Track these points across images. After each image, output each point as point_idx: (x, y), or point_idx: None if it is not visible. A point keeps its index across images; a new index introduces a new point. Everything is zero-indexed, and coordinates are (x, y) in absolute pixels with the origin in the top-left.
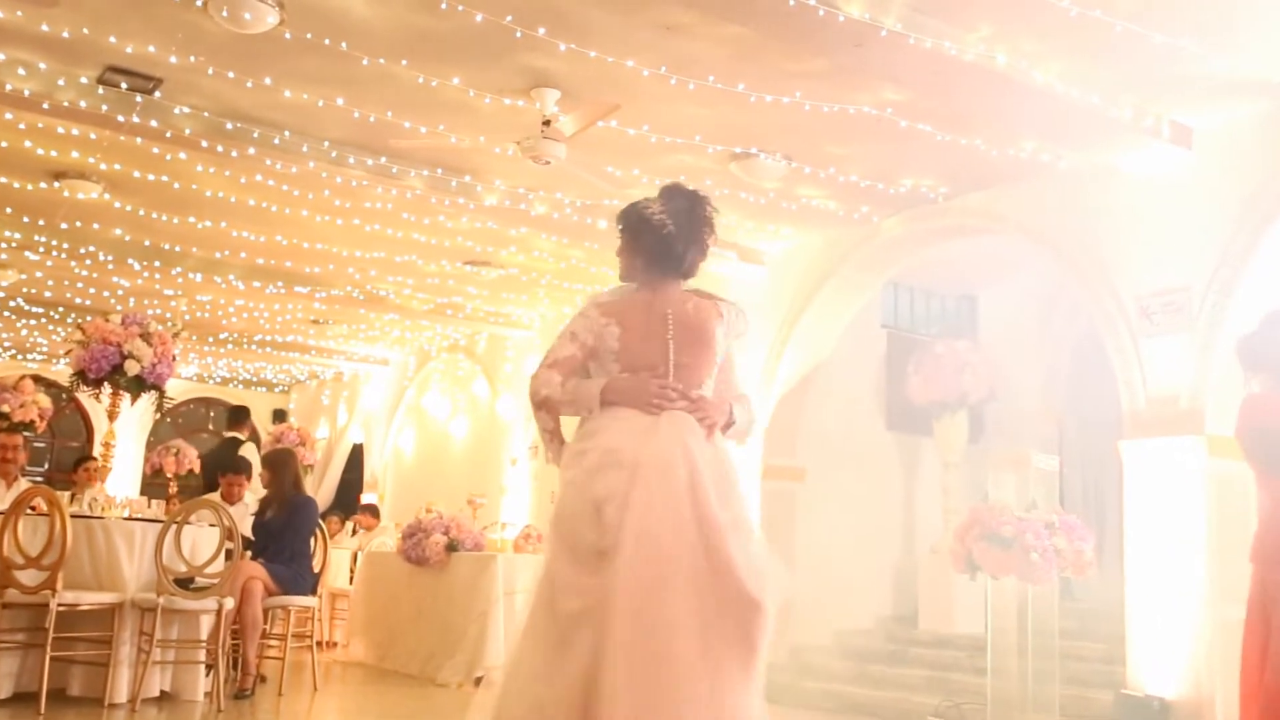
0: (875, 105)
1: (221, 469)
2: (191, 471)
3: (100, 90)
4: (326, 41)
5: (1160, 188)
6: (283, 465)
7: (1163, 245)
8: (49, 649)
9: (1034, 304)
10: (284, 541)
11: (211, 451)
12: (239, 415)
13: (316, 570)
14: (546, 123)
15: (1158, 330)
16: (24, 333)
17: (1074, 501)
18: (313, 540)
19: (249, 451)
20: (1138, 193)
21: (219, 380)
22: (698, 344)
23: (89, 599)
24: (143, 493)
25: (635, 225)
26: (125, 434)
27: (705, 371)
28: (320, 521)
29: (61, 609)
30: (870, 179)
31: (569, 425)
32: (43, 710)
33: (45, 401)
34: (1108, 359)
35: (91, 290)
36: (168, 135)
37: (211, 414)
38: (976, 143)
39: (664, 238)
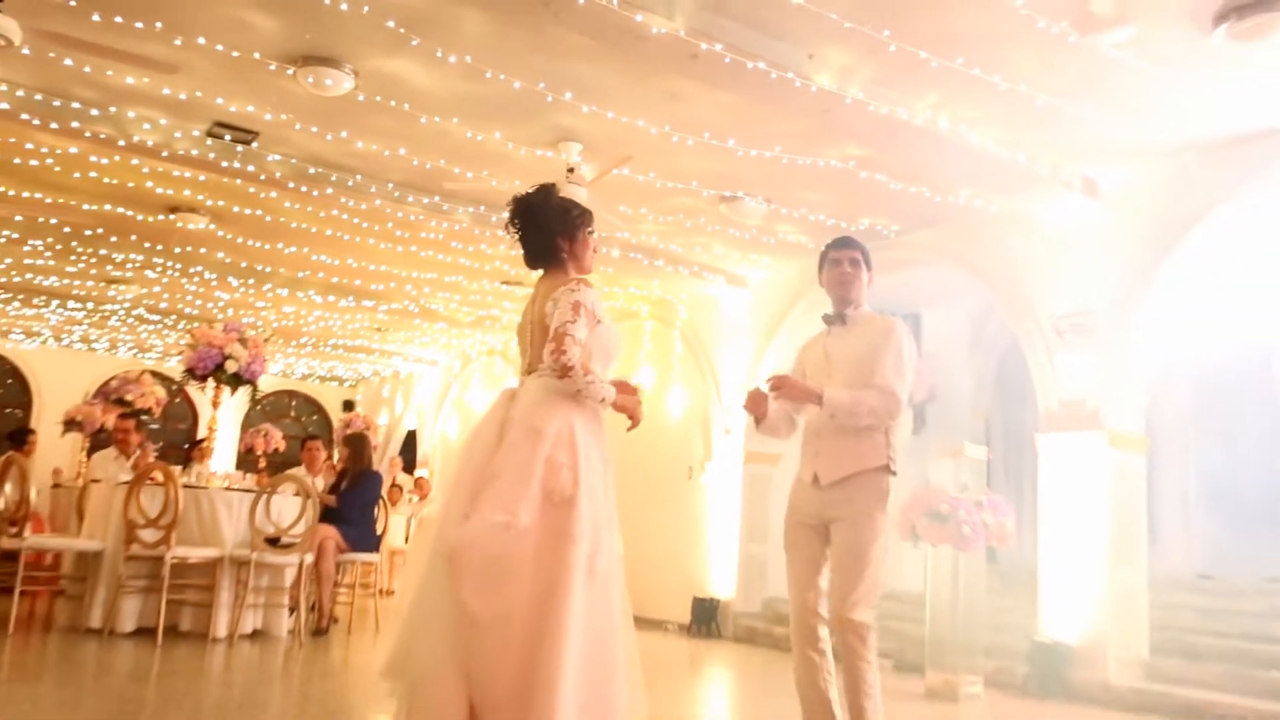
0: (840, 159)
1: (316, 440)
2: (277, 450)
3: (208, 141)
4: (392, 103)
5: (1072, 230)
6: (360, 446)
7: (1072, 276)
8: (165, 593)
9: (967, 322)
10: (354, 507)
11: None
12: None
13: (379, 532)
14: (571, 170)
15: (1068, 345)
16: (144, 336)
17: (998, 484)
18: (376, 507)
19: None
20: (1053, 233)
21: (300, 376)
22: (534, 330)
23: (196, 553)
24: (238, 467)
25: None
26: (224, 419)
27: (536, 353)
28: (383, 493)
29: (174, 561)
30: (835, 219)
31: None
32: (160, 642)
33: (161, 392)
34: (1027, 368)
35: (199, 302)
36: (262, 178)
37: (293, 403)
38: (923, 190)
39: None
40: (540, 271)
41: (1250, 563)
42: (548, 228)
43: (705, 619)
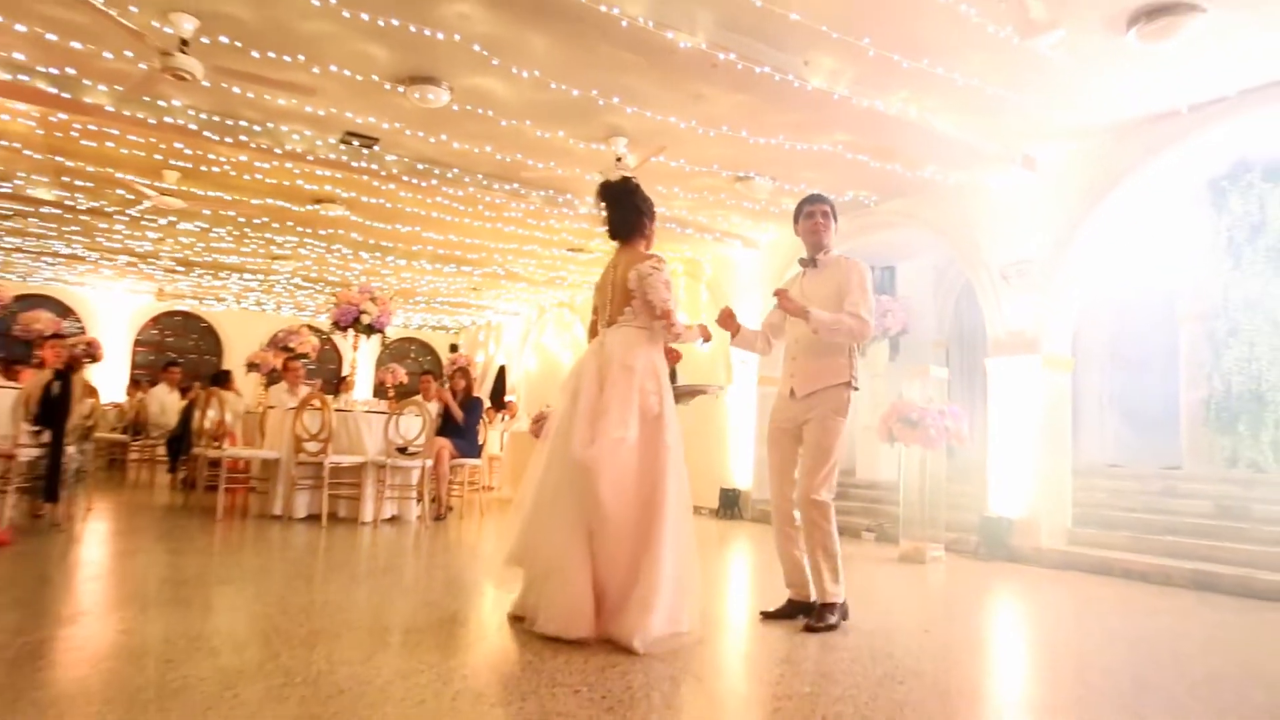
0: (830, 144)
1: (430, 375)
2: (401, 383)
3: (341, 147)
4: (480, 111)
5: (1015, 196)
6: (471, 378)
7: (1015, 233)
8: (325, 489)
9: (931, 271)
10: (462, 425)
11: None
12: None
13: (481, 442)
14: (619, 159)
15: (1011, 288)
16: (300, 298)
17: (957, 397)
18: (479, 424)
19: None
20: (1000, 199)
21: (416, 326)
22: (615, 291)
23: (347, 460)
24: (374, 396)
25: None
26: (362, 360)
27: (617, 308)
28: (483, 414)
29: (331, 465)
30: (826, 192)
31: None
32: (324, 525)
33: (315, 340)
34: (978, 306)
35: (339, 271)
36: (383, 174)
37: (412, 347)
38: (896, 167)
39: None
40: (616, 243)
41: (1150, 455)
42: (637, 210)
43: (730, 505)
